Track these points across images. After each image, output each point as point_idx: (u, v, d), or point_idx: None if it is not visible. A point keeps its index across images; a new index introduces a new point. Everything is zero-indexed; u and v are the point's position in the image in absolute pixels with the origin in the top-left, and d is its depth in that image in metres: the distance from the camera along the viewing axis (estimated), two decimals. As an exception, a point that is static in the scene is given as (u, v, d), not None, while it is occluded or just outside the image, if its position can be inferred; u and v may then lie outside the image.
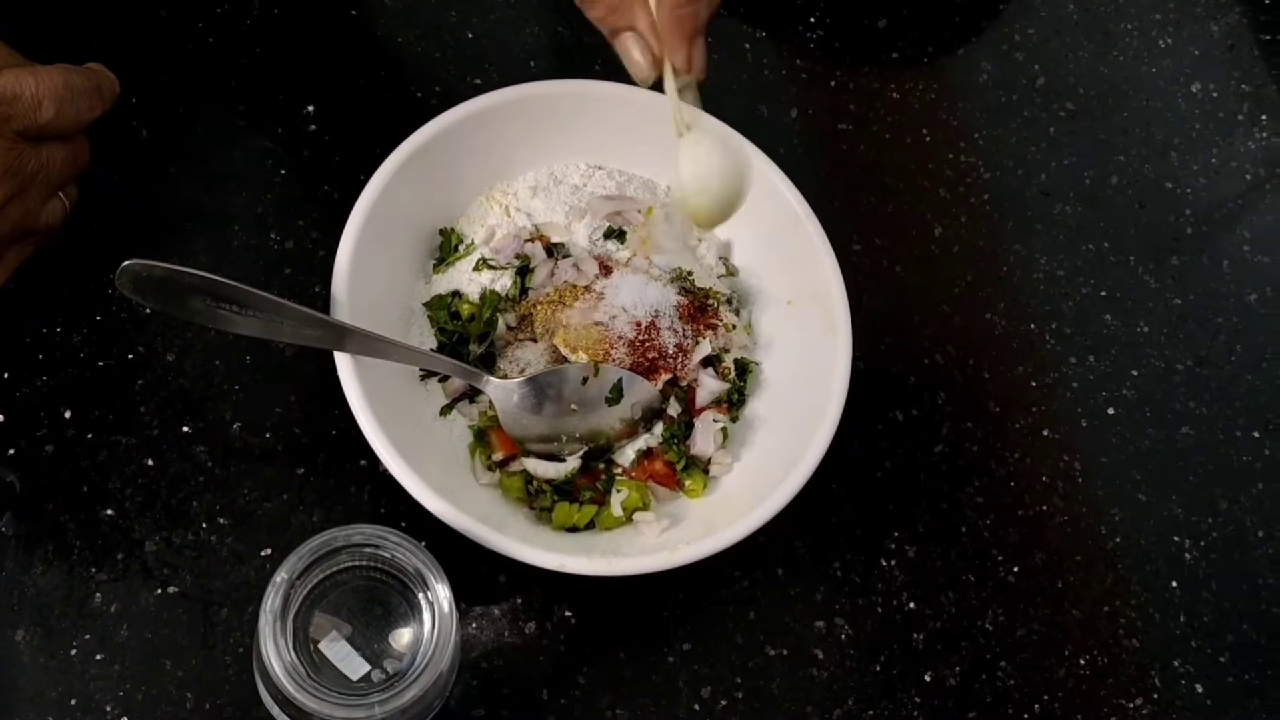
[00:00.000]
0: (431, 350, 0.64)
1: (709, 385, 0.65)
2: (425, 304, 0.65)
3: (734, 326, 0.67)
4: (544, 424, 0.63)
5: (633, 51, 0.58)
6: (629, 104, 0.67)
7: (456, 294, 0.65)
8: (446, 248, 0.66)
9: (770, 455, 0.64)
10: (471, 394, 0.64)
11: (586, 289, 0.66)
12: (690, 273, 0.68)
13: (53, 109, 0.58)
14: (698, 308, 0.67)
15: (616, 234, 0.68)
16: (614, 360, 0.64)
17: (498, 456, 0.63)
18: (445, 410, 0.64)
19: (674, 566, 0.58)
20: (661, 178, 0.70)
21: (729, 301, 0.68)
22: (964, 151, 0.78)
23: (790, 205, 0.66)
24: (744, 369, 0.67)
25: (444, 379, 0.64)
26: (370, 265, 0.61)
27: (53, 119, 0.58)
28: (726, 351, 0.67)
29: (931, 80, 0.80)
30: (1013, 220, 0.77)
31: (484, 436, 0.63)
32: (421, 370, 0.64)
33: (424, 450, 0.60)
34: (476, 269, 0.65)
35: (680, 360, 0.65)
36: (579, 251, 0.67)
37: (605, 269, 0.66)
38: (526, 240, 0.66)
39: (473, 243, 0.66)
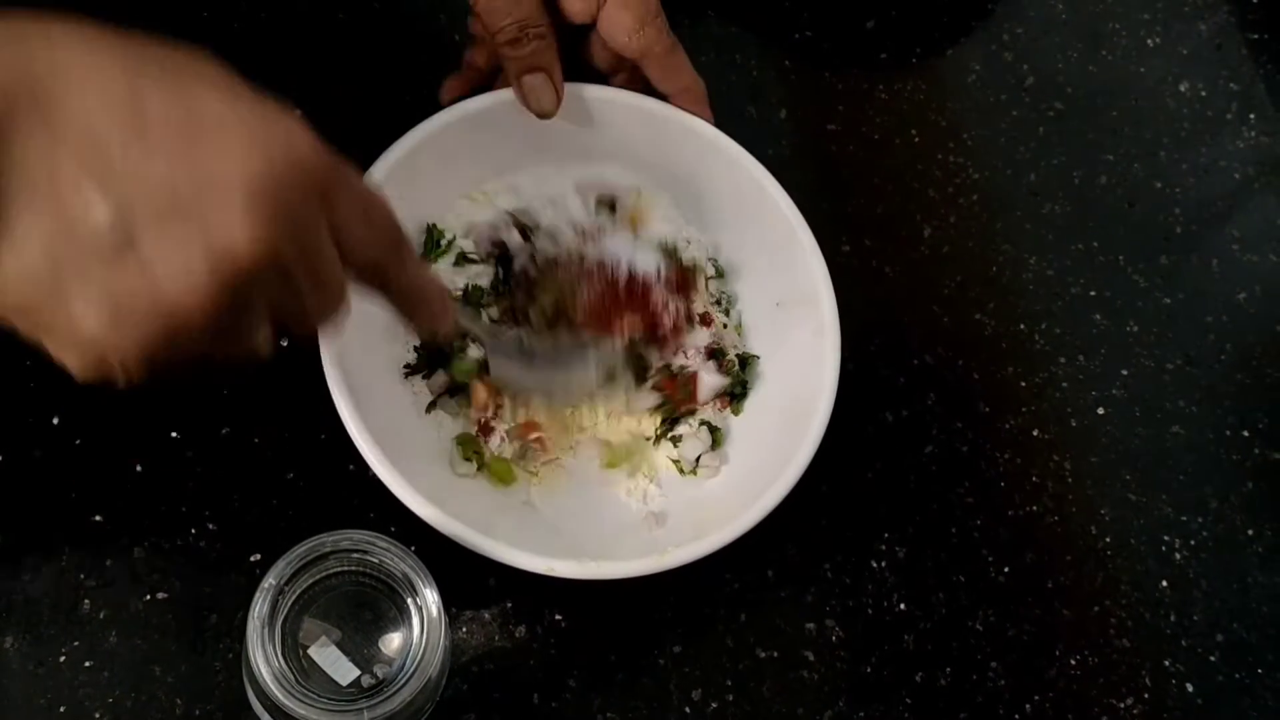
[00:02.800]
0: (415, 347, 0.64)
1: (710, 381, 0.65)
2: None
3: (725, 325, 0.67)
4: (531, 379, 0.63)
5: (545, 92, 0.63)
6: (616, 106, 0.67)
7: None
8: (429, 244, 0.66)
9: (759, 458, 0.64)
10: (453, 390, 0.64)
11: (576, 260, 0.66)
12: (676, 247, 0.68)
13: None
14: (682, 280, 0.66)
15: (609, 205, 0.68)
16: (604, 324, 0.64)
17: (475, 411, 0.63)
18: (430, 407, 0.64)
19: (663, 570, 0.58)
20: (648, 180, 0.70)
21: (718, 303, 0.68)
22: (953, 152, 0.78)
23: (779, 207, 0.66)
24: (746, 362, 0.67)
25: (428, 376, 0.64)
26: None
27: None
28: (721, 351, 0.67)
29: (920, 81, 0.80)
30: (1002, 220, 0.77)
31: (469, 443, 0.63)
32: (405, 367, 0.64)
33: (411, 455, 0.60)
34: (457, 264, 0.65)
35: (668, 319, 0.65)
36: (554, 224, 0.67)
37: (588, 237, 0.66)
38: (503, 226, 0.66)
39: (454, 239, 0.66)
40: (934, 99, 0.79)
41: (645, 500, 0.64)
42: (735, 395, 0.66)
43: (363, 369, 0.59)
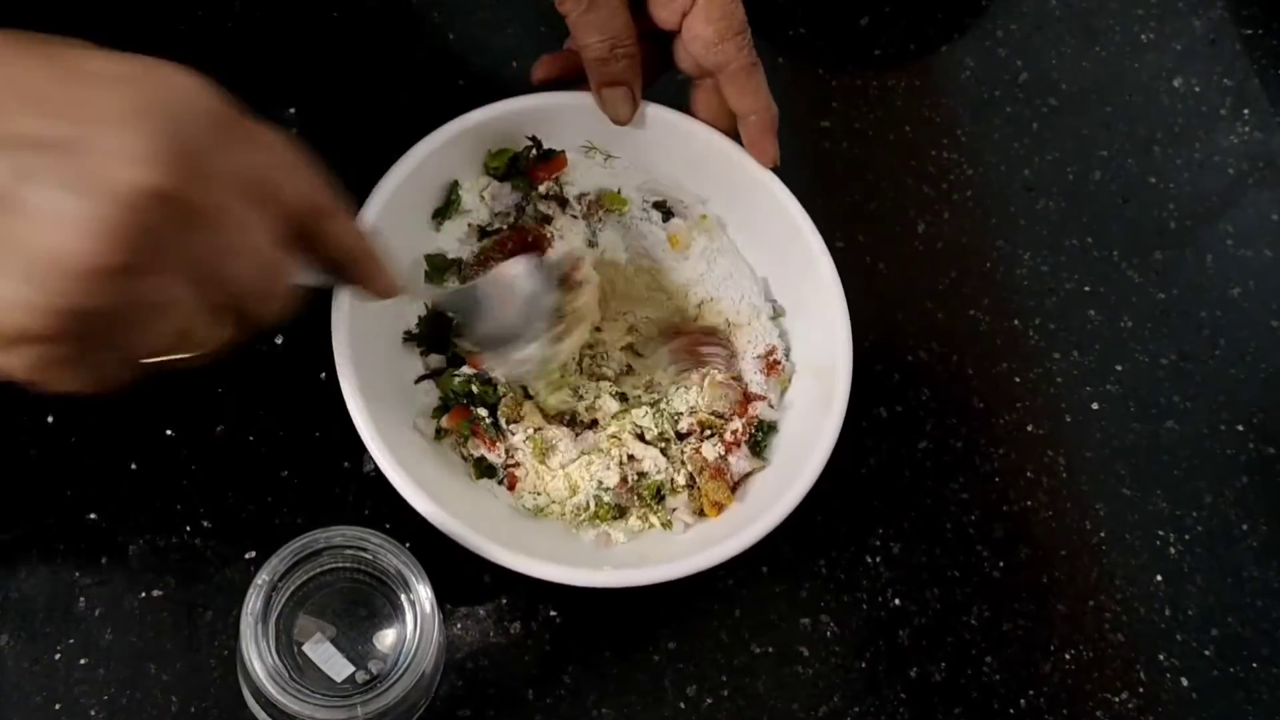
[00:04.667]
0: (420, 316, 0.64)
1: (740, 466, 0.63)
2: (426, 255, 0.64)
3: (781, 372, 0.66)
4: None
5: (624, 104, 0.63)
6: (679, 132, 0.66)
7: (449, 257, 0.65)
8: (447, 202, 0.65)
9: (748, 499, 0.63)
10: (442, 372, 0.63)
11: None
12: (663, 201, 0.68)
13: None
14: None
15: (665, 210, 0.67)
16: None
17: (446, 424, 0.62)
18: (419, 380, 0.63)
19: (649, 583, 0.57)
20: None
21: (786, 354, 0.66)
22: (947, 148, 0.78)
23: (822, 274, 0.64)
24: (765, 430, 0.65)
25: (425, 352, 0.63)
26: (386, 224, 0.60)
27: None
28: (765, 427, 0.65)
29: (914, 77, 0.80)
30: (996, 216, 0.77)
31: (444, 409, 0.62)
32: (404, 333, 0.63)
33: (412, 450, 0.60)
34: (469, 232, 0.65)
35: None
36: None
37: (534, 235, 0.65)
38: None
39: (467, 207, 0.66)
40: (928, 95, 0.80)
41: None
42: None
43: (371, 363, 0.58)
